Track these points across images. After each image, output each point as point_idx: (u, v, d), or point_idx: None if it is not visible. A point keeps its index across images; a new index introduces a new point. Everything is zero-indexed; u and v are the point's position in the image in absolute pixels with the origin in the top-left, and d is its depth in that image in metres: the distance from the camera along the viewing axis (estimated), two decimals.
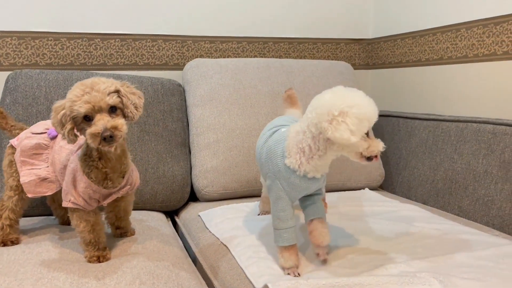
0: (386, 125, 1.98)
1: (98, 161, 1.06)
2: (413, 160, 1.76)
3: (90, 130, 0.96)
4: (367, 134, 0.97)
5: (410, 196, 1.73)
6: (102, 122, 0.96)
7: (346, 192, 1.70)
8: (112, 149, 1.02)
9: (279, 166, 1.05)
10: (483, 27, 1.65)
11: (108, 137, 0.95)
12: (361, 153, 0.96)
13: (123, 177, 1.11)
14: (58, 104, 1.01)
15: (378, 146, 0.97)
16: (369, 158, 0.97)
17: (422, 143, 1.74)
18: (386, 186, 1.91)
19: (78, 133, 1.02)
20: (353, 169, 1.75)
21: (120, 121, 0.98)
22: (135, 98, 1.04)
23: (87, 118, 0.98)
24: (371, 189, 1.78)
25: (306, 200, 1.12)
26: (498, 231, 1.31)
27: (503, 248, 1.09)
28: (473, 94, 1.71)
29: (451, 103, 1.81)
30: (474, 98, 1.70)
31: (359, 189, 1.76)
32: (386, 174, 1.89)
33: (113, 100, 0.99)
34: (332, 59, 2.22)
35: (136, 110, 1.03)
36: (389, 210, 1.43)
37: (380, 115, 1.98)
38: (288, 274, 1.03)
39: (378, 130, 2.02)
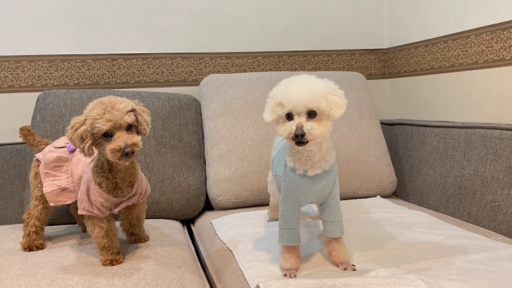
0: (400, 133, 1.99)
1: (109, 173, 1.16)
2: (425, 167, 1.77)
3: (111, 146, 1.06)
4: (290, 117, 1.00)
5: (423, 203, 1.74)
6: (123, 138, 1.06)
7: (357, 200, 1.72)
8: (128, 163, 1.11)
9: (285, 168, 1.11)
10: (491, 33, 1.66)
11: (130, 153, 1.06)
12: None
13: (132, 187, 1.20)
14: (77, 120, 1.10)
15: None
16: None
17: (433, 150, 1.74)
18: (400, 193, 1.91)
19: (93, 148, 1.12)
20: (363, 177, 1.77)
21: (138, 138, 1.09)
22: (146, 116, 1.14)
23: (107, 135, 1.08)
24: (384, 197, 1.79)
25: (324, 216, 1.13)
26: (503, 236, 1.31)
27: (499, 252, 1.09)
28: (483, 100, 1.71)
29: (462, 109, 1.81)
30: (484, 104, 1.70)
31: (371, 197, 1.78)
32: (400, 182, 1.90)
33: (130, 118, 1.09)
34: (348, 70, 2.26)
35: (147, 126, 1.13)
36: (394, 216, 1.45)
37: (394, 124, 2.05)
38: (285, 275, 1.08)
39: (392, 138, 2.04)
